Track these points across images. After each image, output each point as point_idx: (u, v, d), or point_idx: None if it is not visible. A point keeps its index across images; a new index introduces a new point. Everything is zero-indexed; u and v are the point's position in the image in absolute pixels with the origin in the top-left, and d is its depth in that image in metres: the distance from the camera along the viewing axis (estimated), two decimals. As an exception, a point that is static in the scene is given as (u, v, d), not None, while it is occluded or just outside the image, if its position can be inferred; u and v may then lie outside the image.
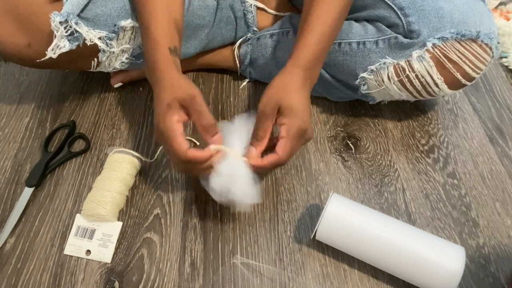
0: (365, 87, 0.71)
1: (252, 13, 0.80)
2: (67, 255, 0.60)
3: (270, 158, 0.56)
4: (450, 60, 0.63)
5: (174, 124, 0.54)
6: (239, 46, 0.82)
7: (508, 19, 0.98)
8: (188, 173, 0.68)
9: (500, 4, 1.02)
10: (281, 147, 0.55)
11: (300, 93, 0.57)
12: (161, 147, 0.73)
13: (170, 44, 0.58)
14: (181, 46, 0.64)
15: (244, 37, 0.82)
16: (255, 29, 0.81)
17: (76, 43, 0.63)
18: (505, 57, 0.92)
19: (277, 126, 0.57)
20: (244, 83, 0.85)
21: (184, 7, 0.68)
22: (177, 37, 0.61)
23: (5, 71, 0.87)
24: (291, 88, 0.57)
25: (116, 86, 0.83)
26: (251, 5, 0.80)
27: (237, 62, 0.83)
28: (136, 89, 0.84)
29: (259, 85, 0.85)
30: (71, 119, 0.77)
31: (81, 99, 0.81)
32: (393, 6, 0.65)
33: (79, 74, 0.86)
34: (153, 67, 0.57)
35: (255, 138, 0.57)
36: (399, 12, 0.65)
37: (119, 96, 0.82)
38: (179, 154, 0.53)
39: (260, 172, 0.58)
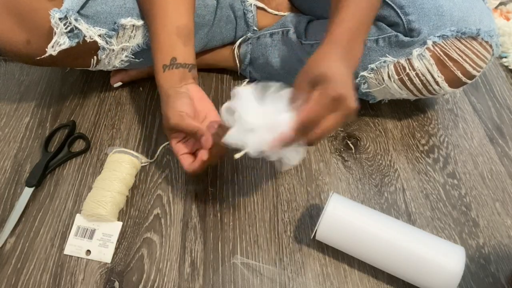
0: (366, 85, 0.71)
1: (252, 13, 0.80)
2: (67, 255, 0.60)
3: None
4: (450, 58, 0.63)
5: (175, 147, 0.61)
6: (239, 46, 0.82)
7: (508, 19, 0.98)
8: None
9: (500, 4, 1.02)
10: (306, 108, 0.48)
11: (339, 64, 0.51)
12: (161, 147, 0.73)
13: (165, 60, 0.60)
14: (191, 46, 0.63)
15: (244, 37, 0.82)
16: (255, 28, 0.81)
17: (76, 40, 0.63)
18: (505, 57, 0.92)
19: None
20: (244, 83, 0.85)
21: None
22: (179, 45, 0.61)
23: (5, 71, 0.87)
24: (329, 59, 0.51)
25: (115, 85, 0.83)
26: (251, 4, 0.80)
27: (237, 61, 0.83)
28: (136, 89, 0.84)
29: (259, 85, 0.85)
30: (71, 119, 0.77)
31: (81, 99, 0.81)
32: (393, 5, 0.65)
33: (79, 74, 0.86)
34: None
35: (294, 100, 0.50)
36: (399, 11, 0.65)
37: (119, 96, 0.82)
38: (187, 169, 0.60)
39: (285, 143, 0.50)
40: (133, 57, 0.71)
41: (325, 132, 0.50)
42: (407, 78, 0.66)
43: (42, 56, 0.63)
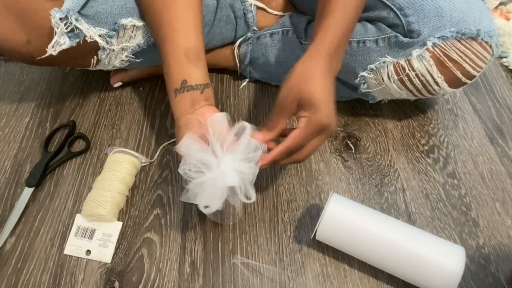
0: (365, 86, 0.71)
1: (252, 13, 0.80)
2: (67, 255, 0.60)
3: (277, 149, 0.54)
4: (450, 58, 0.63)
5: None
6: (239, 46, 0.82)
7: (508, 19, 0.98)
8: None
9: (500, 4, 1.02)
10: (294, 134, 0.53)
11: (324, 82, 0.53)
12: (161, 147, 0.73)
13: (176, 84, 0.59)
14: (202, 67, 0.62)
15: (244, 37, 0.82)
16: (255, 28, 0.81)
17: (77, 40, 0.63)
18: (505, 57, 0.92)
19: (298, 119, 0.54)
20: (244, 83, 0.85)
21: None
22: (189, 66, 0.59)
23: (5, 71, 0.87)
24: (313, 78, 0.53)
25: (116, 85, 0.83)
26: (251, 4, 0.80)
27: (237, 61, 0.83)
28: (136, 89, 0.84)
29: (259, 85, 0.85)
30: (71, 119, 0.77)
31: (81, 99, 0.81)
32: (392, 6, 0.65)
33: (79, 74, 0.86)
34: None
35: (264, 126, 0.56)
36: (398, 13, 0.65)
37: (119, 96, 0.82)
38: None
39: (271, 163, 0.55)
40: (133, 57, 0.71)
41: (308, 154, 0.56)
42: (406, 78, 0.66)
43: (43, 56, 0.63)
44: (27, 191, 0.65)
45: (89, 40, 0.63)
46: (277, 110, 0.55)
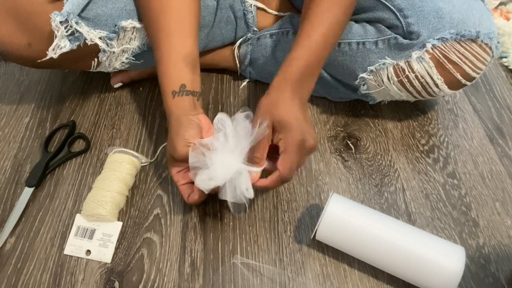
0: (365, 87, 0.71)
1: (252, 13, 0.80)
2: (67, 255, 0.60)
3: (272, 177, 0.56)
4: (450, 60, 0.63)
5: (175, 176, 0.61)
6: (239, 46, 0.82)
7: (508, 19, 0.98)
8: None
9: (500, 4, 1.02)
10: (281, 163, 0.55)
11: (290, 105, 0.56)
12: (161, 147, 0.73)
13: (174, 86, 0.59)
14: (198, 75, 0.63)
15: (244, 37, 0.82)
16: (255, 29, 0.81)
17: (77, 43, 0.63)
18: (505, 57, 0.92)
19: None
20: (244, 83, 0.85)
21: None
22: (186, 72, 0.60)
23: (5, 71, 0.87)
24: (279, 103, 0.56)
25: (116, 86, 0.83)
26: (251, 5, 0.80)
27: (237, 62, 0.83)
28: (136, 89, 0.84)
29: (259, 85, 0.85)
30: (71, 119, 0.77)
31: (81, 99, 0.81)
32: (392, 7, 0.65)
33: (79, 74, 0.86)
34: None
35: (252, 160, 0.57)
36: (398, 14, 0.65)
37: (119, 96, 0.82)
38: (187, 200, 0.60)
39: (266, 189, 0.59)
40: (134, 59, 0.71)
41: (292, 174, 0.57)
42: (406, 80, 0.66)
43: (43, 59, 0.63)
44: (27, 191, 0.65)
45: (89, 43, 0.63)
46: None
